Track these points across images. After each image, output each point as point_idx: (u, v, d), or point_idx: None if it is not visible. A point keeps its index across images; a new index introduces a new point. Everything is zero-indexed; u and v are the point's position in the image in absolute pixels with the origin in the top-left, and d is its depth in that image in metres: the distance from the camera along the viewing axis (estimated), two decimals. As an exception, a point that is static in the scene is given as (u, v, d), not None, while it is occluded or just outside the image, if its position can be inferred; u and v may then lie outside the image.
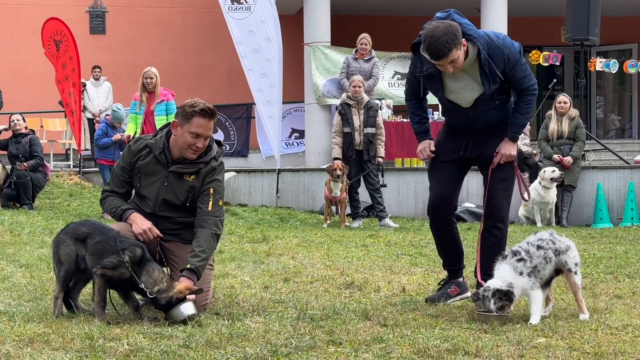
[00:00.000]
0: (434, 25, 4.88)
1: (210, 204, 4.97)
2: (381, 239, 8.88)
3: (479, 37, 4.95)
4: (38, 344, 3.99)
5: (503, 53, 5.00)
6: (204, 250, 4.86)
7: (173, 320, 4.56)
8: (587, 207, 12.37)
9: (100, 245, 4.66)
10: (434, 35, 4.80)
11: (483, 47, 4.93)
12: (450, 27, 4.82)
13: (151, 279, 4.61)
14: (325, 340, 4.18)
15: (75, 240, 4.71)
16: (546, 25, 19.09)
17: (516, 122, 5.23)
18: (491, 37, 5.03)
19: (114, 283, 4.67)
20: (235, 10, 13.42)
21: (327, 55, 15.14)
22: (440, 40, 4.77)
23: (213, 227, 4.94)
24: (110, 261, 4.60)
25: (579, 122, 12.35)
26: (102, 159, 12.48)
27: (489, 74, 4.98)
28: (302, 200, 13.35)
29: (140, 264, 4.63)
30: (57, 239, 4.78)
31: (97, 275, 4.61)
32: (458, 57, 4.83)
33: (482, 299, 4.66)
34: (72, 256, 4.69)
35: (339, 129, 11.17)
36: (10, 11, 19.09)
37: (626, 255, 7.75)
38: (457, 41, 4.80)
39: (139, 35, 19.69)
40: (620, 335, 4.35)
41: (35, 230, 8.84)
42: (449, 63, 4.85)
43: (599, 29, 14.21)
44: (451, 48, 4.78)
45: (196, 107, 4.87)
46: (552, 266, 4.78)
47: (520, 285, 4.67)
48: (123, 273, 4.60)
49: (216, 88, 19.37)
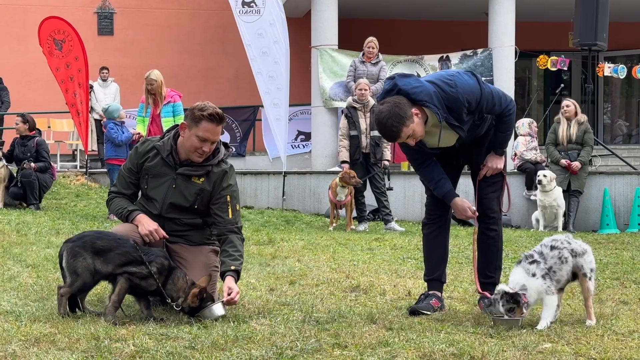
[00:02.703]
0: (378, 109, 4.77)
1: (229, 212, 4.99)
2: (387, 243, 8.87)
3: (430, 99, 4.77)
4: (44, 344, 3.99)
5: (460, 101, 4.82)
6: (241, 254, 4.95)
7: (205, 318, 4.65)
8: (594, 213, 12.33)
9: (124, 257, 4.65)
10: (380, 121, 4.72)
11: (438, 107, 4.79)
12: (393, 108, 4.69)
13: (175, 288, 4.67)
14: (330, 343, 4.17)
15: (93, 255, 4.65)
16: (554, 30, 19.07)
17: (499, 140, 5.17)
18: (444, 89, 4.81)
19: (139, 290, 4.70)
20: (245, 14, 13.46)
21: (334, 59, 15.15)
22: (387, 124, 4.69)
23: (239, 233, 5.01)
24: (139, 271, 4.62)
25: (587, 127, 12.32)
26: (115, 158, 11.86)
27: (457, 124, 4.90)
28: (308, 203, 13.35)
29: (167, 274, 4.68)
30: (73, 251, 4.66)
31: (124, 278, 4.61)
32: (413, 130, 4.73)
33: (493, 303, 4.66)
34: (91, 269, 4.64)
35: (345, 132, 11.17)
36: (19, 12, 19.15)
37: (632, 261, 7.73)
38: (404, 119, 4.68)
39: (147, 36, 19.73)
40: (627, 341, 4.34)
41: (42, 231, 8.86)
42: (407, 139, 4.78)
43: (607, 34, 14.19)
44: (400, 128, 4.69)
45: (205, 111, 4.87)
46: (569, 267, 4.72)
47: (535, 287, 4.63)
48: (151, 284, 4.64)
49: (223, 90, 19.39)
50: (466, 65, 15.60)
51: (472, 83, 4.90)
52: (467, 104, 4.85)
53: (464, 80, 4.88)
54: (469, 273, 6.71)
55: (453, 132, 4.96)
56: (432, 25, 19.77)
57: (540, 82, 21.77)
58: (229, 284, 4.77)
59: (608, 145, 16.76)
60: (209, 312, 4.69)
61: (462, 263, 7.31)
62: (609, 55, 18.13)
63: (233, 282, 4.78)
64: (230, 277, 4.81)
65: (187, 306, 4.67)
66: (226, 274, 4.83)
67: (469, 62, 15.65)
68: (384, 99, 4.83)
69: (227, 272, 4.82)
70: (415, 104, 4.76)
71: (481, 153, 5.22)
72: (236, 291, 4.74)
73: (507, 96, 5.11)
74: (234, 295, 4.73)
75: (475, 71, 15.28)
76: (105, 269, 4.63)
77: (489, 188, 5.25)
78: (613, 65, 15.68)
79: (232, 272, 4.82)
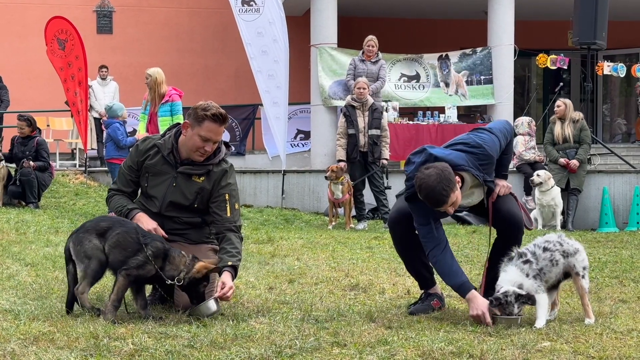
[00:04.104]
0: (424, 173, 4.67)
1: (228, 210, 4.99)
2: (386, 241, 8.87)
3: (467, 163, 4.83)
4: (43, 343, 3.99)
5: (492, 156, 4.94)
6: (239, 251, 4.92)
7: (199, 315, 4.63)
8: (593, 211, 12.35)
9: (122, 237, 4.65)
10: (429, 185, 4.63)
11: (474, 169, 4.85)
12: (442, 172, 4.65)
13: (174, 267, 4.67)
14: (329, 341, 4.18)
15: (98, 235, 4.67)
16: (553, 29, 19.06)
17: (505, 164, 5.21)
18: (473, 152, 4.88)
19: (141, 281, 4.68)
20: (245, 12, 13.47)
21: (334, 57, 15.14)
22: (437, 189, 4.62)
23: (237, 232, 4.99)
24: (135, 261, 4.61)
25: (583, 125, 12.33)
26: (117, 158, 11.67)
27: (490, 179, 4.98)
28: (307, 201, 13.35)
29: (163, 256, 4.67)
30: (78, 238, 4.69)
31: (122, 275, 4.60)
32: (456, 197, 4.72)
33: (506, 304, 4.63)
34: (100, 248, 4.64)
35: (343, 131, 11.17)
36: (18, 10, 19.15)
37: (631, 260, 7.73)
38: (452, 184, 4.66)
39: (146, 35, 19.72)
40: (625, 340, 4.34)
41: (41, 229, 8.86)
42: (449, 206, 4.74)
43: (606, 32, 14.20)
44: (449, 193, 4.65)
45: (208, 111, 4.87)
46: (559, 269, 4.76)
47: (526, 287, 4.66)
48: (149, 270, 4.63)
49: (222, 89, 19.39)
50: (465, 63, 15.60)
51: (488, 137, 4.98)
52: (496, 154, 4.97)
53: (482, 138, 4.97)
54: (469, 272, 6.71)
55: (481, 189, 5.00)
56: (432, 24, 19.76)
57: (539, 81, 21.78)
58: (225, 279, 4.74)
59: (607, 143, 16.76)
60: (203, 309, 4.67)
61: (460, 262, 7.29)
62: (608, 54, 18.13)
63: (229, 278, 4.76)
64: (227, 273, 4.78)
65: (189, 279, 4.65)
66: (223, 269, 4.80)
67: (468, 61, 15.64)
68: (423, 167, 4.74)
69: (224, 268, 4.80)
70: (455, 170, 4.77)
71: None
72: (229, 286, 4.71)
73: (507, 123, 5.24)
74: (227, 291, 4.69)
75: (474, 70, 15.46)
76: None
77: (505, 198, 5.12)
78: (612, 64, 15.69)
79: (229, 268, 4.80)
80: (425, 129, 14.18)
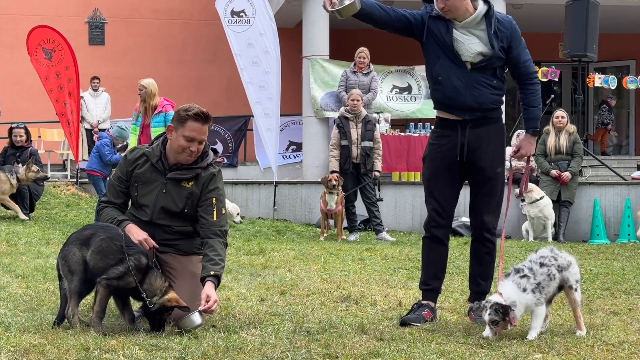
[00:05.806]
0: None
1: (214, 214, 4.97)
2: (378, 253, 8.88)
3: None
4: (34, 355, 3.97)
5: (512, 25, 5.16)
6: (222, 258, 4.87)
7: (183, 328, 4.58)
8: (584, 223, 12.38)
9: (105, 243, 4.63)
10: None
11: (492, 8, 5.07)
12: None
13: (152, 288, 4.62)
14: (321, 353, 4.17)
15: (81, 246, 4.66)
16: (544, 41, 19.12)
17: (532, 116, 5.19)
18: (499, 12, 5.17)
19: (119, 292, 4.65)
20: (235, 24, 13.50)
21: (326, 69, 15.18)
22: None
23: (222, 237, 4.96)
24: (115, 271, 4.58)
25: (576, 138, 12.38)
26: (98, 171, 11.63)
27: (497, 32, 5.08)
28: (299, 213, 13.35)
29: (144, 272, 4.63)
30: (63, 252, 4.70)
31: (101, 285, 4.58)
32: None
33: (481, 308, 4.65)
34: (81, 262, 4.63)
35: (336, 142, 11.19)
36: (9, 21, 19.12)
37: (623, 272, 7.75)
38: None
39: (138, 46, 19.72)
40: (617, 352, 4.35)
41: (32, 241, 8.83)
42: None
43: (597, 45, 14.27)
44: None
45: (190, 111, 4.90)
46: (556, 283, 4.77)
47: (524, 302, 4.64)
48: (129, 282, 4.60)
49: (214, 100, 19.35)
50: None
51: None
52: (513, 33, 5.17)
53: None
54: (460, 283, 6.72)
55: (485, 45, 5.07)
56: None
57: (530, 93, 21.78)
58: (208, 291, 4.69)
59: (598, 155, 16.81)
60: (187, 322, 4.61)
61: (452, 273, 7.31)
62: (599, 66, 18.22)
63: (212, 289, 4.71)
64: (210, 283, 4.73)
65: (159, 305, 4.59)
66: (206, 279, 4.76)
67: (459, 73, 15.65)
68: None
69: (207, 278, 4.77)
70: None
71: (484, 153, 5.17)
72: (214, 299, 4.67)
73: None
74: (211, 304, 4.65)
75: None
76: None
77: (485, 199, 5.21)
78: (604, 76, 15.76)
79: (212, 278, 4.76)
80: (417, 141, 14.19)
